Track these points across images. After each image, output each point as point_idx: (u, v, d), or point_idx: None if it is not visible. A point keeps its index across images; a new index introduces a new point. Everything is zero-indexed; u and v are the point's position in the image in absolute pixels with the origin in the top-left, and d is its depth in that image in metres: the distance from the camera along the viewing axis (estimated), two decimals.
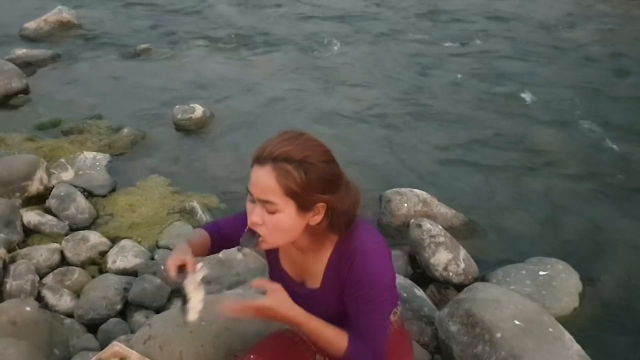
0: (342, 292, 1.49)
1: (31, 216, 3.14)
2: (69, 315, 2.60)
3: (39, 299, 2.64)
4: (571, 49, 6.01)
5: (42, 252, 2.88)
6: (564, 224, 3.43)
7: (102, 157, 3.80)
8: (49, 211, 3.26)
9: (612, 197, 3.67)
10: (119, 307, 2.62)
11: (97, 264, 2.94)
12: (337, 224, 1.44)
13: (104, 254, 2.97)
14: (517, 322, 2.14)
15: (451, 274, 2.86)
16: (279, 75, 5.43)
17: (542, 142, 4.28)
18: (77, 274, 2.80)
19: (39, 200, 3.37)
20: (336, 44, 6.06)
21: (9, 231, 2.99)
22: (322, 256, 1.51)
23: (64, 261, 2.94)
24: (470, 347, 2.16)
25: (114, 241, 3.07)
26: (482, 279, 2.89)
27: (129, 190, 3.56)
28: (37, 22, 6.14)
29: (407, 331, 1.84)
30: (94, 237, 3.02)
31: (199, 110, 4.46)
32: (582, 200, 3.64)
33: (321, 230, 1.45)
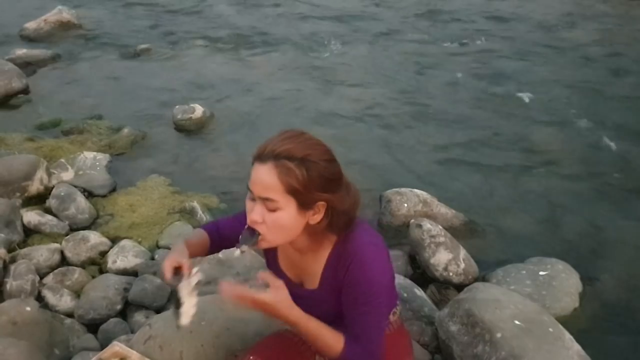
0: (339, 293, 1.48)
1: (31, 216, 3.15)
2: (69, 315, 2.60)
3: (39, 299, 2.64)
4: (570, 48, 6.01)
5: (42, 252, 2.89)
6: (563, 224, 3.43)
7: (102, 157, 3.79)
8: (49, 211, 3.26)
9: (612, 197, 3.67)
10: (119, 307, 2.62)
11: (97, 264, 2.95)
12: (336, 224, 1.44)
13: (104, 254, 2.98)
14: (517, 322, 2.14)
15: (451, 274, 2.86)
16: (279, 75, 5.43)
17: (542, 142, 4.28)
18: (77, 274, 2.81)
19: (39, 200, 3.37)
20: (336, 44, 6.06)
21: (9, 231, 2.99)
22: (320, 257, 1.51)
23: (64, 261, 2.94)
24: (470, 347, 2.16)
25: (114, 241, 3.07)
26: (482, 279, 2.89)
27: (129, 190, 3.56)
28: (37, 22, 6.14)
29: (407, 331, 1.84)
30: (94, 237, 3.03)
31: (199, 110, 4.46)
32: (581, 200, 3.64)
33: (320, 229, 1.45)
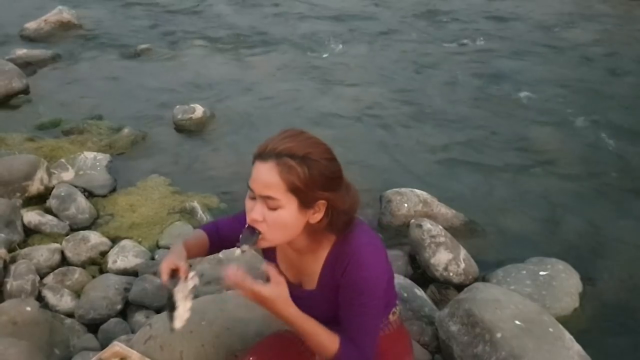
0: (337, 293, 1.48)
1: (32, 216, 3.15)
2: (70, 315, 2.60)
3: (40, 299, 2.64)
4: (570, 48, 6.01)
5: (42, 252, 2.89)
6: (564, 223, 3.43)
7: (103, 157, 3.79)
8: (49, 211, 3.26)
9: (612, 197, 3.67)
10: (119, 307, 2.62)
11: (97, 264, 2.95)
12: (336, 223, 1.44)
13: (104, 254, 2.98)
14: (517, 322, 2.14)
15: (451, 274, 2.86)
16: (279, 75, 5.43)
17: (542, 142, 4.29)
18: (77, 274, 2.81)
19: (39, 200, 3.38)
20: (335, 44, 6.07)
21: (10, 231, 2.99)
22: (319, 257, 1.50)
23: (64, 261, 2.94)
24: (470, 347, 2.16)
25: (115, 241, 3.07)
26: (483, 279, 2.89)
27: (130, 190, 3.56)
28: (38, 22, 6.14)
29: (407, 331, 1.84)
30: (95, 237, 3.03)
31: (199, 110, 4.46)
32: (581, 200, 3.64)
33: (320, 229, 1.44)
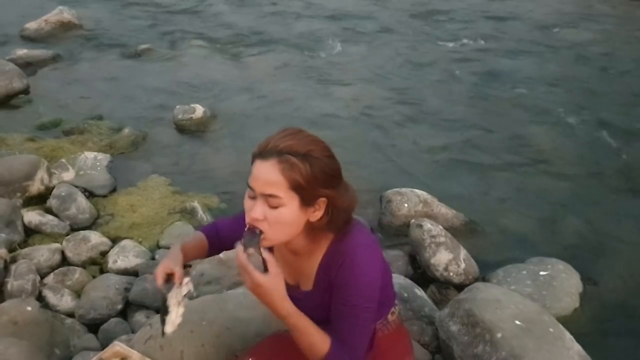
0: (332, 293, 1.48)
1: (32, 216, 3.15)
2: (70, 315, 2.61)
3: (40, 298, 2.64)
4: (569, 48, 6.01)
5: (43, 252, 2.89)
6: (564, 224, 3.43)
7: (103, 158, 3.80)
8: (49, 211, 3.26)
9: (612, 197, 3.67)
10: (119, 307, 2.63)
11: (98, 264, 2.95)
12: (336, 221, 1.44)
13: (104, 254, 2.98)
14: (517, 322, 2.14)
15: (452, 274, 2.87)
16: (279, 75, 5.44)
17: (542, 142, 4.29)
18: (78, 273, 2.81)
19: (39, 200, 3.38)
20: (334, 44, 6.07)
21: (10, 231, 3.00)
22: (315, 258, 1.50)
23: (64, 261, 2.94)
24: (470, 347, 2.16)
25: (115, 241, 3.07)
26: (483, 279, 2.90)
27: (130, 190, 3.57)
28: (38, 23, 6.14)
29: (406, 330, 1.83)
30: (95, 237, 3.03)
31: (199, 110, 4.46)
32: (582, 200, 3.64)
33: (319, 228, 1.44)
